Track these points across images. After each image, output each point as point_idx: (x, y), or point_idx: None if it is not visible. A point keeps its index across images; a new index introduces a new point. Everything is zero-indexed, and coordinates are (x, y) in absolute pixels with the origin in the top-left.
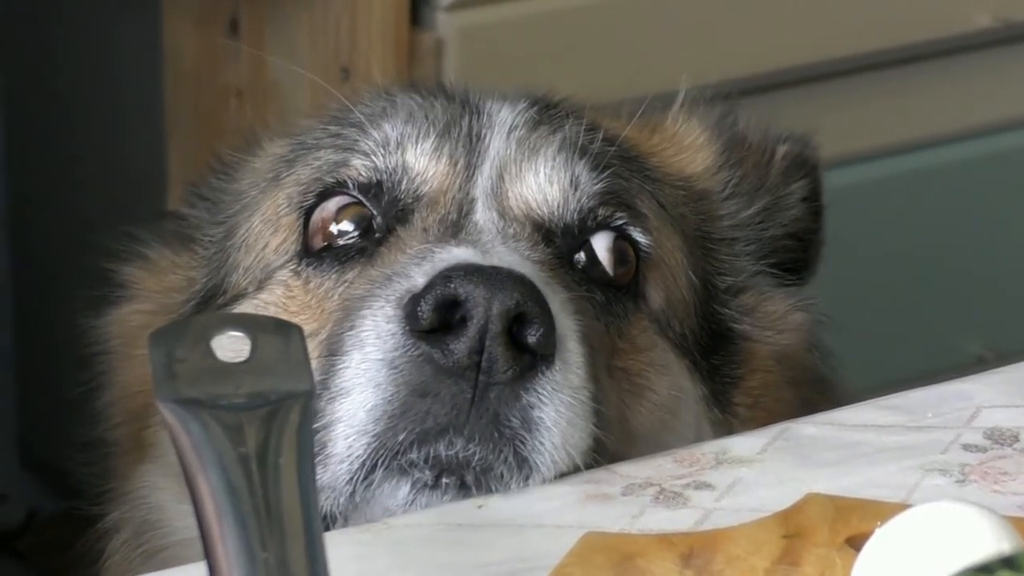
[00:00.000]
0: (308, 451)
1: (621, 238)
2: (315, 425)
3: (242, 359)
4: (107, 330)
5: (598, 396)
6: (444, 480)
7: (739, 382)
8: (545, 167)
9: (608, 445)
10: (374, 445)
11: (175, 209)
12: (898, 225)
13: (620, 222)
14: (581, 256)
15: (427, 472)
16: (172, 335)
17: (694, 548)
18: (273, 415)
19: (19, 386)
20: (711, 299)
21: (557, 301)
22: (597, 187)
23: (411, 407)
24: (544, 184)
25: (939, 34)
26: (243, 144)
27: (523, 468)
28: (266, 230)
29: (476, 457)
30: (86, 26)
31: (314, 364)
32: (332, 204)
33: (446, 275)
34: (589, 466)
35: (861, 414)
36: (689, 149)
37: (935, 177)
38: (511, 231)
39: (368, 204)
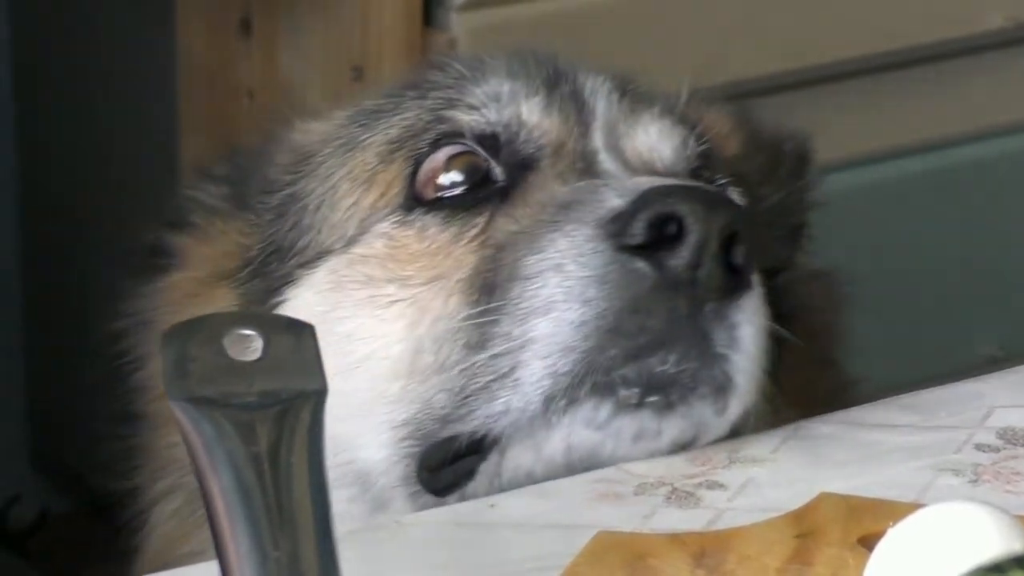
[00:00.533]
0: (320, 450)
1: None
2: (495, 352)
3: (254, 358)
4: (153, 299)
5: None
6: (650, 398)
7: (781, 357)
8: (655, 126)
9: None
10: (583, 361)
11: (188, 192)
12: (912, 226)
13: (721, 183)
14: None
15: (635, 389)
16: (184, 333)
17: (706, 548)
18: (285, 414)
19: (29, 386)
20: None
21: None
22: (701, 149)
23: (624, 322)
24: (656, 142)
25: (950, 35)
26: (262, 135)
27: (728, 388)
28: (356, 188)
29: (687, 374)
30: (99, 25)
31: (453, 302)
32: (443, 153)
33: (663, 192)
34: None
35: (874, 414)
36: (720, 135)
37: (947, 178)
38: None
39: (486, 154)
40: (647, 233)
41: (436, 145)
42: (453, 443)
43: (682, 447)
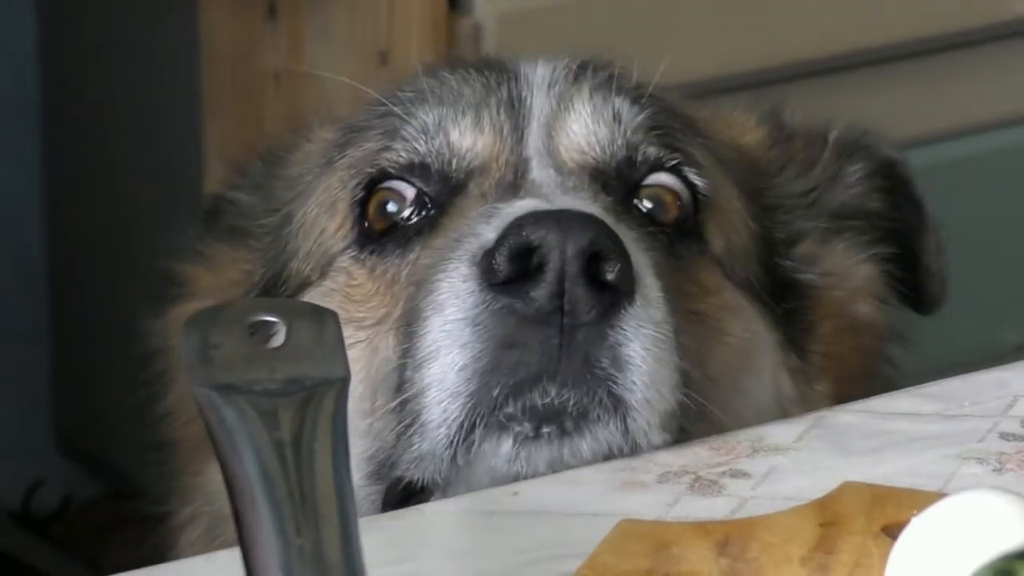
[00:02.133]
0: (343, 437)
1: (675, 178)
2: (404, 396)
3: (277, 345)
4: (167, 330)
5: (679, 330)
6: (544, 430)
7: (812, 329)
8: (587, 107)
9: (695, 380)
10: (470, 404)
11: (218, 192)
12: (938, 213)
13: (674, 162)
14: (643, 201)
15: (526, 424)
16: (207, 320)
17: (730, 536)
18: (308, 401)
19: (54, 370)
20: (770, 251)
21: (628, 239)
22: (639, 119)
23: (500, 361)
24: (588, 123)
25: (982, 22)
26: (292, 130)
27: (619, 408)
28: (322, 215)
29: (571, 402)
30: (124, 10)
31: (391, 344)
32: (376, 198)
33: (517, 224)
34: (681, 403)
35: (898, 402)
36: (739, 128)
37: (973, 166)
38: (570, 184)
39: (418, 183)
40: (509, 268)
41: (369, 187)
42: (403, 484)
43: (607, 459)
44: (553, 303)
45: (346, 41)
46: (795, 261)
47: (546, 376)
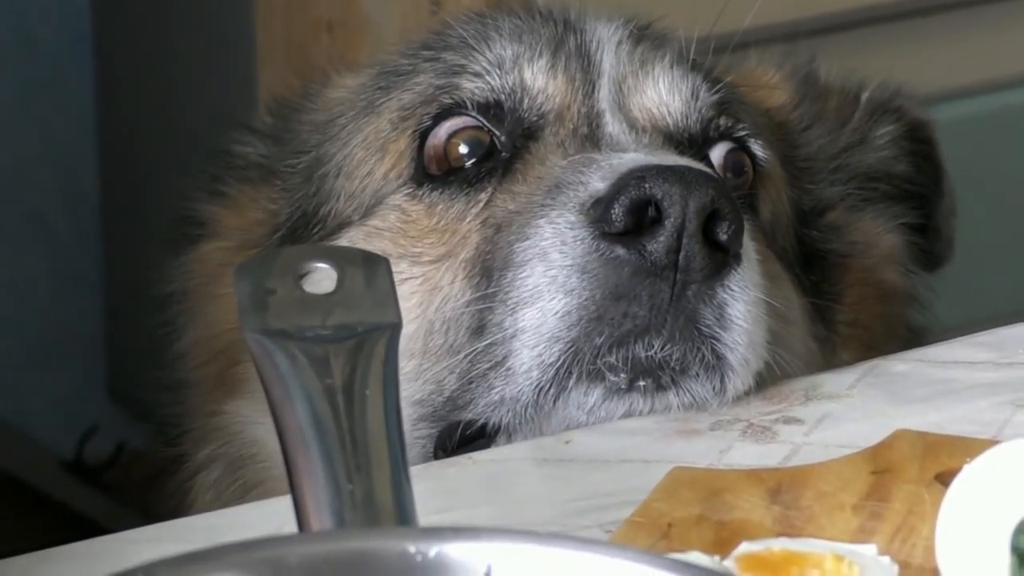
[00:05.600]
0: (394, 383)
1: (739, 149)
2: (491, 339)
3: (329, 291)
4: (188, 269)
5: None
6: (640, 383)
7: (838, 299)
8: (665, 78)
9: (781, 337)
10: (569, 351)
11: (224, 147)
12: (990, 162)
13: (742, 133)
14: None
15: (622, 375)
16: (259, 267)
17: (782, 483)
18: (360, 347)
19: (108, 318)
20: (799, 221)
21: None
22: (715, 97)
23: (607, 310)
24: (665, 95)
25: None
26: (313, 77)
27: (719, 367)
28: (369, 156)
29: (674, 357)
30: None
31: (458, 283)
32: (445, 128)
33: (639, 175)
34: (767, 363)
35: (951, 351)
36: (765, 87)
37: (1007, 119)
38: (645, 141)
39: (489, 125)
40: (626, 219)
41: (439, 119)
42: (462, 427)
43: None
44: (669, 258)
45: None
46: (822, 231)
47: (653, 329)
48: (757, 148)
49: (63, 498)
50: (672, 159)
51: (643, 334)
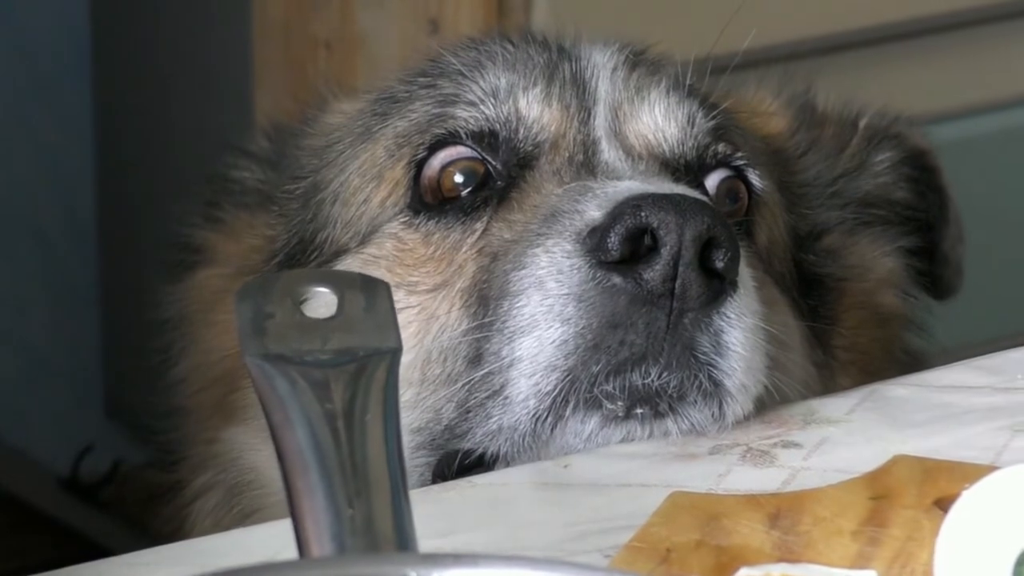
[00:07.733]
0: (394, 408)
1: (735, 177)
2: (488, 369)
3: (329, 315)
4: (185, 296)
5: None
6: (637, 410)
7: (835, 324)
8: (661, 104)
9: (780, 362)
10: (566, 379)
11: (220, 172)
12: (988, 184)
13: (740, 162)
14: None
15: (619, 403)
16: (259, 291)
17: (781, 509)
18: (360, 372)
19: (104, 335)
20: (796, 246)
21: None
22: (711, 123)
23: (604, 338)
24: (661, 121)
25: None
26: (311, 101)
27: (716, 393)
28: (365, 184)
29: (671, 385)
30: None
31: (455, 312)
32: (440, 158)
33: (635, 204)
34: (767, 388)
35: (950, 375)
36: (763, 114)
37: (1003, 140)
38: (641, 168)
39: (484, 154)
40: (623, 248)
41: (434, 148)
42: (460, 456)
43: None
44: (665, 286)
45: (396, 8)
46: (819, 255)
47: (650, 357)
48: (754, 177)
49: (58, 515)
50: (668, 187)
51: (640, 362)
